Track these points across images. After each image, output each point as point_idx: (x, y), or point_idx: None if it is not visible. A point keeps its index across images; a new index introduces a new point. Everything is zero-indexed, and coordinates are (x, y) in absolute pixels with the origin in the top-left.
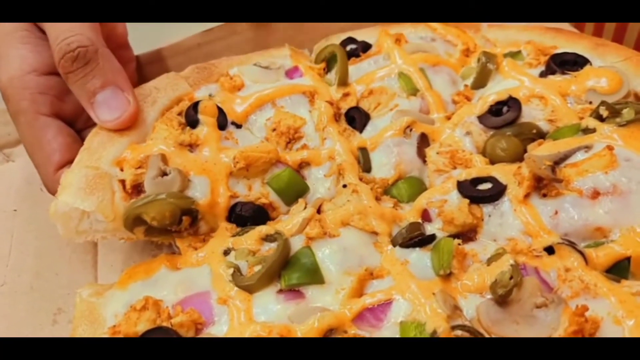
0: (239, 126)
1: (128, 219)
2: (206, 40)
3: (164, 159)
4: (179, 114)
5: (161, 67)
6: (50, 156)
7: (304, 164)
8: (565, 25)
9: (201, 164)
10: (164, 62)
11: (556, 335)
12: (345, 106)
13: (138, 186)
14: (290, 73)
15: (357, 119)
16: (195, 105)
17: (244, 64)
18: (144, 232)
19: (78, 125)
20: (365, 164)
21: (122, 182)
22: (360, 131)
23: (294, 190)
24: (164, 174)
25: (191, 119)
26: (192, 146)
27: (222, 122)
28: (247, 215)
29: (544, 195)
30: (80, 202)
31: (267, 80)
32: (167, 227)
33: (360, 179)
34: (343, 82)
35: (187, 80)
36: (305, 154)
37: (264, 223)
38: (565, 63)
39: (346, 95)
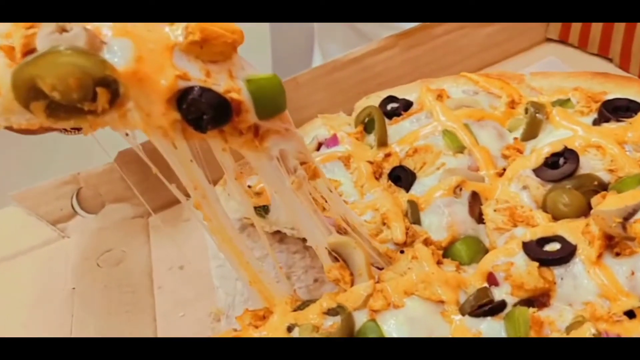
0: None
1: (19, 88)
2: None
3: None
4: None
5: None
6: None
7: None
8: (612, 68)
9: (122, 27)
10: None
11: None
12: (388, 166)
13: (32, 51)
14: (328, 143)
15: (402, 177)
16: None
17: None
18: (44, 111)
19: None
20: (413, 216)
21: (8, 49)
22: (407, 190)
23: (276, 104)
24: (64, 30)
25: None
26: None
27: None
28: (206, 104)
29: (617, 254)
30: None
31: None
32: (76, 102)
33: (407, 229)
34: (382, 143)
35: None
36: None
37: (223, 123)
38: (618, 109)
39: (388, 155)
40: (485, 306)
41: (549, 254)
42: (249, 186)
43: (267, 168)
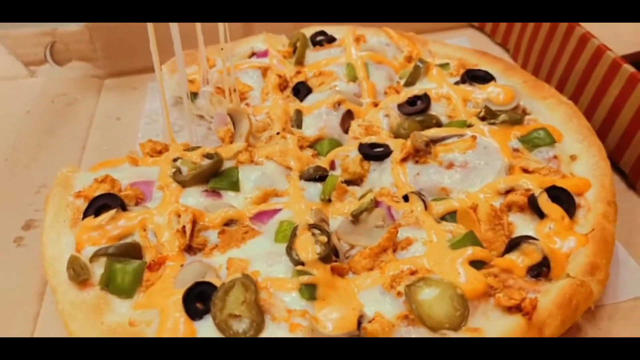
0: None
1: None
2: None
3: None
4: None
5: None
6: None
7: None
8: (499, 52)
9: None
10: None
11: (374, 243)
12: (295, 81)
13: None
14: (260, 54)
15: (301, 90)
16: None
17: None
18: None
19: None
20: (297, 121)
21: None
22: (301, 101)
23: None
24: None
25: None
26: None
27: None
28: None
29: (416, 162)
30: None
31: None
32: None
33: (283, 129)
34: (299, 61)
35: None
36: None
37: None
38: (476, 77)
39: (298, 72)
40: (316, 175)
41: (372, 152)
42: None
43: None
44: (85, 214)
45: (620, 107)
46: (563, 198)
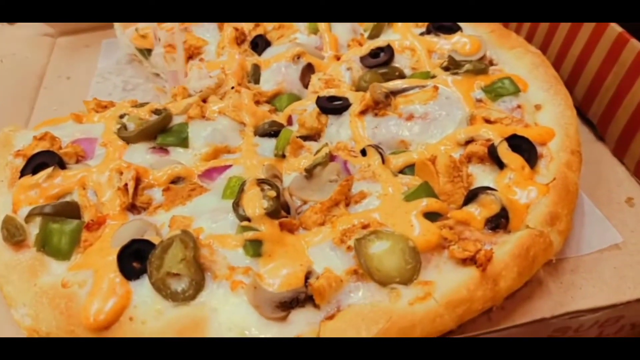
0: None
1: None
2: None
3: None
4: None
5: None
6: None
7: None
8: None
9: None
10: None
11: (327, 197)
12: (254, 34)
13: None
14: None
15: (259, 44)
16: None
17: None
18: None
19: None
20: (254, 77)
21: None
22: (260, 54)
23: None
24: None
25: None
26: None
27: None
28: None
29: (375, 115)
30: None
31: None
32: None
33: (239, 84)
34: None
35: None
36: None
37: None
38: (442, 28)
39: (257, 25)
40: (271, 130)
41: (329, 105)
42: (136, 29)
43: None
44: (23, 173)
45: (587, 56)
46: (524, 147)
